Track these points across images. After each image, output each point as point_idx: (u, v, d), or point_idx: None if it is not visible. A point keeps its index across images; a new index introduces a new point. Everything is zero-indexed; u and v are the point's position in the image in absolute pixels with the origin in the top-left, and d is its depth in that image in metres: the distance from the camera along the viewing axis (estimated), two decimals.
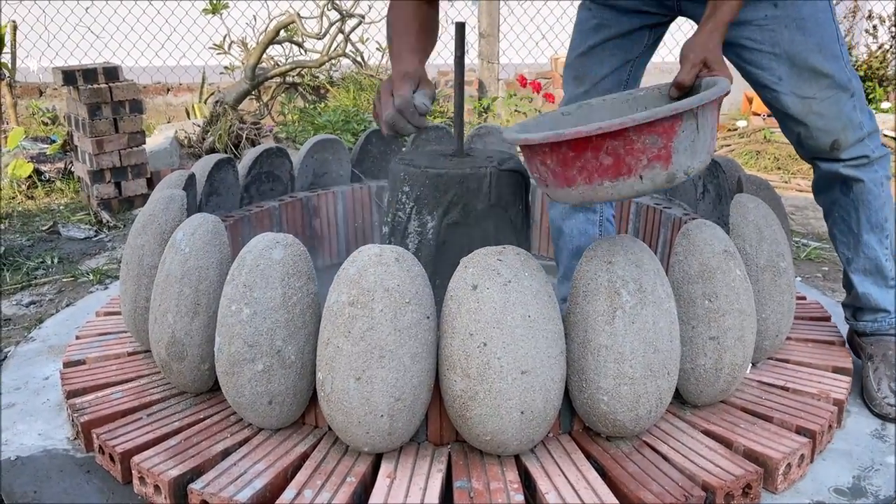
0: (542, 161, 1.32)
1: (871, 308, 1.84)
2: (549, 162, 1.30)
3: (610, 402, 1.41)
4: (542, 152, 1.30)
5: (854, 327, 1.90)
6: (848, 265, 1.86)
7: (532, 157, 1.35)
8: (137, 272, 1.76)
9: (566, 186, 1.30)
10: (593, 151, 1.24)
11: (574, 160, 1.26)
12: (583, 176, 1.27)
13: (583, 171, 1.27)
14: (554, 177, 1.31)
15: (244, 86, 4.41)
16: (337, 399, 1.37)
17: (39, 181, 3.80)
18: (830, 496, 1.45)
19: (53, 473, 1.54)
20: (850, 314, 1.91)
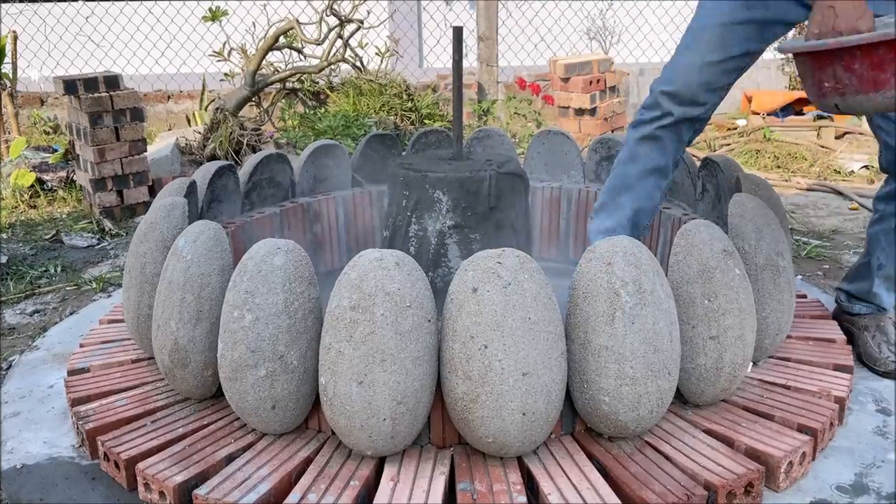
0: (848, 66, 1.29)
1: (871, 302, 2.00)
2: (856, 66, 1.29)
3: (611, 402, 1.42)
4: (850, 56, 1.29)
5: (847, 309, 2.04)
6: (878, 269, 1.96)
7: (830, 64, 1.32)
8: (140, 280, 1.77)
9: (871, 91, 1.30)
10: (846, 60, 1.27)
11: (891, 60, 1.25)
12: (832, 89, 1.31)
13: (837, 85, 1.30)
14: (860, 83, 1.30)
15: (244, 92, 4.42)
16: (339, 403, 1.38)
17: (42, 190, 3.82)
18: (833, 494, 1.46)
19: (59, 481, 1.55)
20: (846, 298, 2.04)
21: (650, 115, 1.83)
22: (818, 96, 1.40)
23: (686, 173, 2.37)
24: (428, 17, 6.20)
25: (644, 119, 1.85)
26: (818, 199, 3.54)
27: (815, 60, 1.36)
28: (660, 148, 1.85)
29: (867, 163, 4.03)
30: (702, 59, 1.74)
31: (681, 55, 1.78)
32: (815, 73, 1.36)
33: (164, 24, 5.69)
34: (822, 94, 1.38)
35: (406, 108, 4.66)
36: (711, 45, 1.73)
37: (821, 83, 1.36)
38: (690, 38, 1.78)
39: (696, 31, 1.76)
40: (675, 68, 1.79)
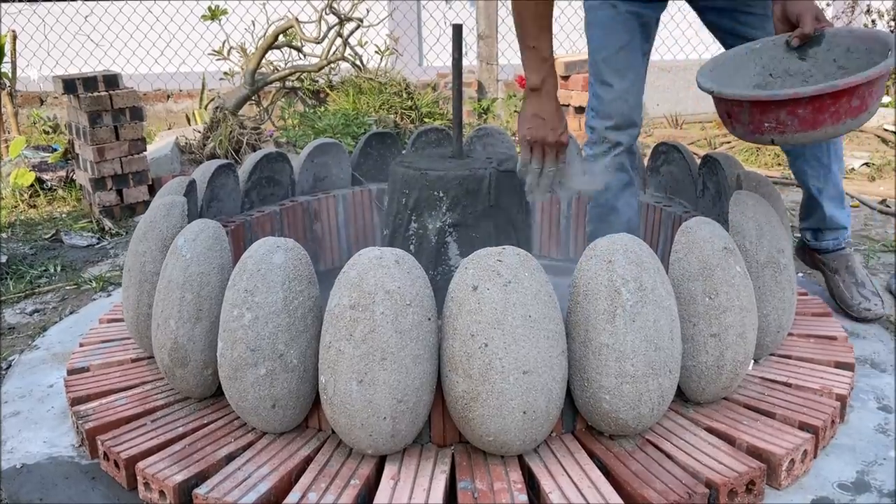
0: (791, 111, 1.52)
1: (833, 227, 2.16)
2: (800, 111, 1.51)
3: (612, 400, 1.42)
4: (795, 103, 1.51)
5: (816, 247, 2.22)
6: (819, 195, 2.12)
7: (775, 109, 1.53)
8: (139, 279, 1.76)
9: (810, 129, 1.53)
10: (848, 97, 1.50)
11: (830, 105, 1.50)
12: (832, 118, 1.51)
13: (835, 114, 1.51)
14: (801, 123, 1.52)
15: (244, 91, 4.42)
16: (340, 402, 1.37)
17: (41, 190, 3.82)
18: (834, 491, 1.46)
19: (59, 480, 1.54)
20: (812, 236, 2.23)
21: (603, 149, 2.03)
22: (754, 132, 1.60)
23: (687, 171, 2.37)
24: (428, 16, 6.20)
25: (599, 152, 2.03)
26: None
27: (758, 107, 1.56)
28: (623, 169, 2.06)
29: (868, 160, 4.03)
30: (618, 88, 1.96)
31: (603, 92, 1.99)
32: (754, 116, 1.57)
33: (164, 23, 5.69)
34: (759, 131, 1.59)
35: (406, 107, 4.66)
36: (618, 73, 1.96)
37: (761, 124, 1.57)
38: (597, 71, 1.99)
39: (600, 66, 1.98)
40: (606, 105, 1.99)
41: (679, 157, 2.40)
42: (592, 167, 1.97)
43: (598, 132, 2.03)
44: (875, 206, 3.31)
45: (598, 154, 2.05)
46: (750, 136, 1.64)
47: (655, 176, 2.53)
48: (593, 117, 2.04)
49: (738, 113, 1.61)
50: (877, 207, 3.29)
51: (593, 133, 2.04)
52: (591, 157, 2.08)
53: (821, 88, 1.49)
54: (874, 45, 1.66)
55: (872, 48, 1.66)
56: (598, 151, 2.05)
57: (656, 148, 2.51)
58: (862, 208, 3.33)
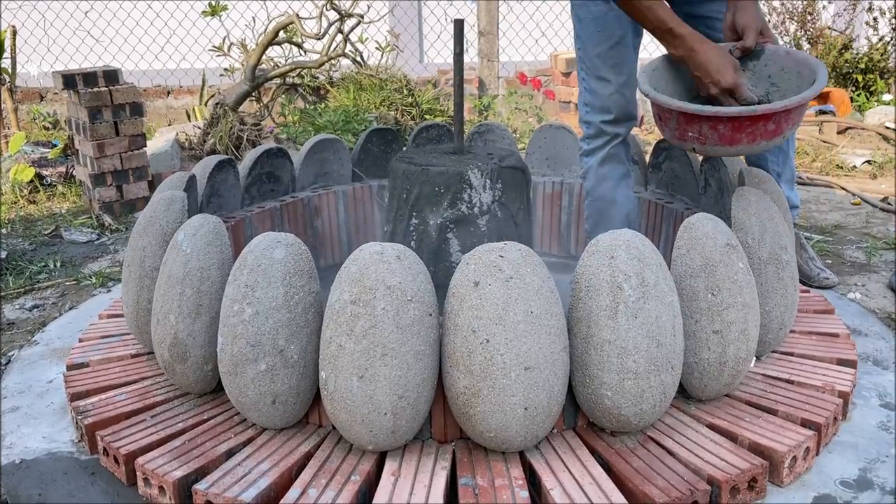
0: (713, 126, 1.64)
1: (790, 207, 2.14)
2: (720, 127, 1.64)
3: (614, 397, 1.41)
4: (717, 120, 1.63)
5: None
6: (779, 178, 2.19)
7: (698, 122, 1.65)
8: (139, 274, 1.76)
9: (727, 145, 1.66)
10: (765, 121, 1.61)
11: (747, 126, 1.62)
12: (748, 138, 1.64)
13: (751, 134, 1.63)
14: (720, 138, 1.65)
15: (244, 87, 4.41)
16: (340, 398, 1.37)
17: (41, 185, 3.81)
18: (837, 489, 1.45)
19: (58, 476, 1.54)
20: None
21: (601, 142, 2.07)
22: (679, 139, 1.74)
23: (689, 168, 2.36)
24: (428, 12, 6.18)
25: (596, 146, 2.08)
26: (820, 195, 3.53)
27: (685, 116, 1.68)
28: (619, 160, 2.10)
29: (869, 158, 4.02)
30: (615, 83, 2.00)
31: (599, 87, 2.02)
32: (681, 124, 1.70)
33: (164, 19, 5.67)
34: (683, 138, 1.72)
35: (406, 104, 4.65)
36: (615, 69, 2.00)
37: (685, 132, 1.70)
38: (593, 67, 2.01)
39: (595, 61, 2.01)
40: (602, 98, 2.02)
41: (681, 154, 2.39)
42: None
43: (594, 126, 2.06)
44: (877, 203, 3.30)
45: (595, 148, 2.08)
46: (676, 140, 1.77)
47: (657, 172, 2.52)
48: (588, 112, 2.07)
49: (668, 119, 1.74)
50: (878, 205, 3.28)
51: (589, 127, 2.07)
52: (589, 151, 2.11)
53: (740, 111, 1.61)
54: (804, 70, 1.77)
55: (802, 72, 1.77)
56: (596, 145, 2.08)
57: (658, 144, 2.50)
58: (863, 206, 3.33)
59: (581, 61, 2.06)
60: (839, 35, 5.56)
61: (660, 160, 2.50)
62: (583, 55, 2.04)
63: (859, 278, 2.50)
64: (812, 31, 5.57)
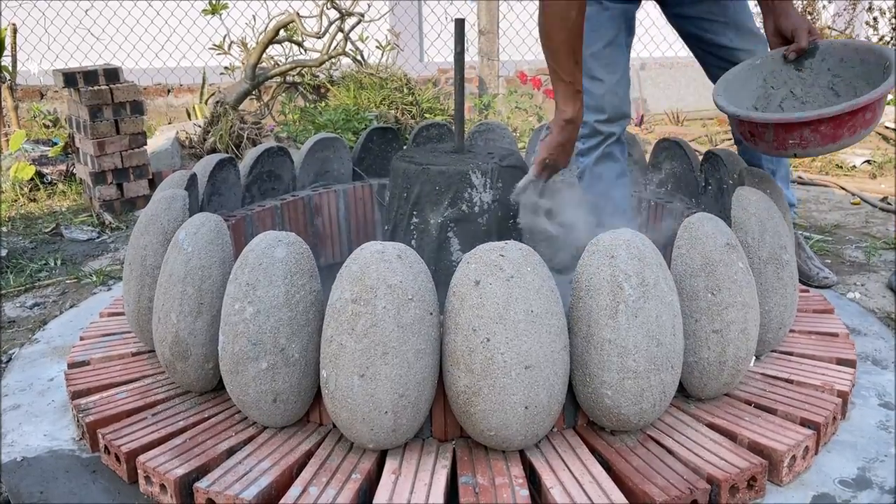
0: (814, 129, 1.66)
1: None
2: (822, 128, 1.66)
3: (614, 396, 1.41)
4: (818, 122, 1.65)
5: None
6: (774, 176, 2.19)
7: (799, 129, 1.67)
8: (140, 272, 1.76)
9: (830, 143, 1.68)
10: (863, 112, 1.65)
11: (849, 121, 1.65)
12: (850, 131, 1.67)
13: (852, 127, 1.66)
14: (822, 139, 1.67)
15: (244, 86, 4.41)
16: (341, 396, 1.37)
17: (41, 184, 3.81)
18: (836, 488, 1.45)
19: (59, 474, 1.54)
20: None
21: (595, 141, 2.10)
22: (778, 148, 1.74)
23: (688, 167, 2.37)
24: (429, 11, 6.18)
25: (591, 146, 2.11)
26: (820, 194, 3.54)
27: (784, 126, 1.69)
28: (614, 159, 2.13)
29: (869, 157, 4.02)
30: (609, 82, 2.03)
31: (593, 87, 2.03)
32: (779, 134, 1.71)
33: (164, 17, 5.67)
34: (784, 147, 1.72)
35: (407, 102, 4.65)
36: (608, 68, 2.03)
37: (785, 140, 1.71)
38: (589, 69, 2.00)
39: (588, 61, 1.98)
40: (596, 98, 2.04)
41: (681, 154, 2.40)
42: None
43: (589, 126, 2.08)
44: (876, 203, 3.31)
45: (590, 148, 2.11)
46: (774, 151, 1.77)
47: (657, 172, 2.52)
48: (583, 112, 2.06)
49: (763, 132, 1.74)
50: (878, 205, 3.29)
51: (584, 127, 2.08)
52: (583, 151, 2.13)
53: (842, 108, 1.63)
54: (868, 56, 1.80)
55: (866, 59, 1.80)
56: (591, 145, 2.11)
57: (658, 144, 2.50)
58: (863, 206, 3.33)
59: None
60: (839, 35, 5.56)
61: (660, 160, 2.50)
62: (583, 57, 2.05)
63: (859, 278, 2.51)
64: None
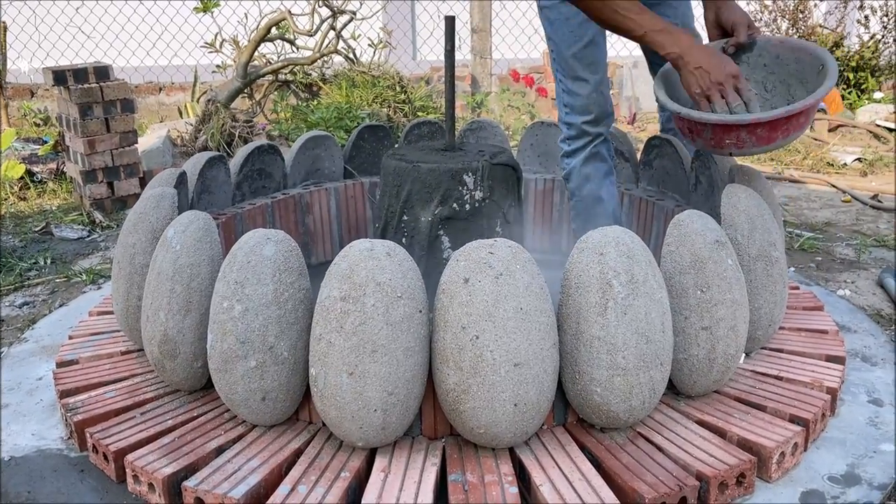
0: (751, 131, 1.69)
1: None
2: (758, 131, 1.69)
3: (603, 393, 1.41)
4: (755, 125, 1.67)
5: None
6: None
7: (737, 130, 1.69)
8: (129, 271, 1.75)
9: (765, 145, 1.72)
10: (797, 117, 1.69)
11: (783, 124, 1.69)
12: (783, 134, 1.70)
13: (786, 131, 1.70)
14: (758, 140, 1.71)
15: (236, 84, 4.39)
16: (330, 394, 1.37)
17: (31, 182, 3.79)
18: (825, 484, 1.46)
19: (47, 473, 1.53)
20: None
21: (583, 142, 2.09)
22: (715, 146, 1.77)
23: (679, 165, 2.37)
24: (421, 9, 6.17)
25: (579, 146, 2.10)
26: (811, 192, 3.55)
27: (722, 127, 1.71)
28: (601, 158, 2.12)
29: (860, 155, 4.04)
30: (593, 83, 2.03)
31: (577, 88, 2.03)
32: (717, 134, 1.73)
33: (156, 15, 5.65)
34: (720, 146, 1.76)
35: (399, 101, 4.64)
36: (591, 67, 2.03)
37: (722, 140, 1.73)
38: (569, 68, 2.03)
39: (570, 62, 2.02)
40: (582, 100, 2.04)
41: (672, 151, 2.40)
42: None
43: (576, 128, 2.08)
44: (867, 201, 3.32)
45: (577, 149, 2.10)
46: (710, 149, 1.81)
47: (648, 170, 2.53)
48: (568, 114, 2.08)
49: (701, 130, 1.77)
50: (868, 202, 3.30)
51: (571, 129, 2.09)
52: (570, 152, 2.13)
53: (778, 113, 1.66)
54: (803, 56, 1.85)
55: (801, 58, 1.85)
56: (578, 146, 2.10)
57: (649, 142, 2.51)
58: (854, 203, 3.34)
59: (556, 63, 2.07)
60: (830, 33, 5.58)
61: (651, 157, 2.50)
62: (557, 57, 2.05)
63: (849, 275, 2.52)
64: (803, 28, 5.59)
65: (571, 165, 2.14)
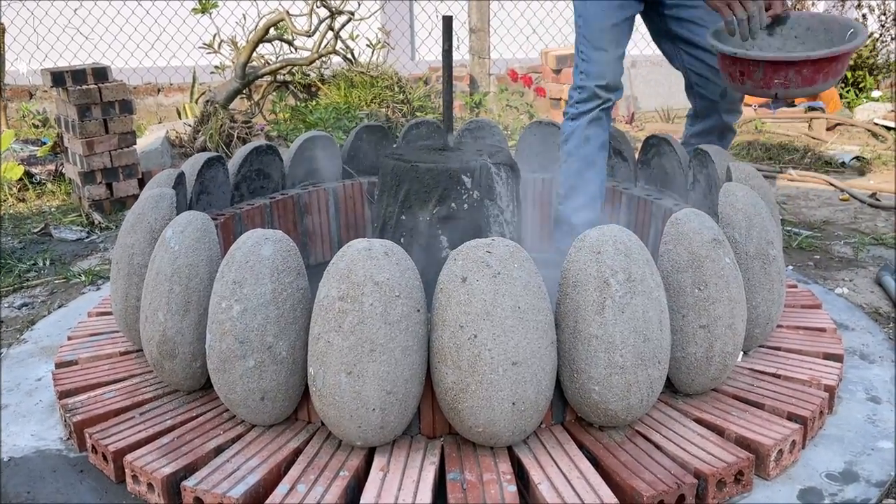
0: (798, 70, 1.89)
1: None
2: (804, 70, 1.88)
3: (601, 391, 1.42)
4: (802, 64, 1.88)
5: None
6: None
7: (786, 69, 1.89)
8: (128, 271, 1.75)
9: (807, 86, 1.92)
10: (836, 61, 1.89)
11: (825, 66, 1.89)
12: (823, 77, 1.91)
13: (826, 74, 1.90)
14: (802, 80, 1.90)
15: (235, 85, 4.40)
16: (329, 394, 1.37)
17: (30, 183, 3.79)
18: (823, 482, 1.46)
19: (47, 474, 1.54)
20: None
21: (591, 105, 2.22)
22: (764, 87, 1.94)
23: (677, 164, 2.37)
24: (419, 10, 6.18)
25: (586, 109, 2.23)
26: (809, 190, 3.55)
27: (772, 66, 1.90)
28: (602, 126, 2.27)
29: (858, 154, 4.04)
30: (612, 54, 2.18)
31: (597, 54, 2.18)
32: (767, 73, 1.91)
33: (154, 16, 5.65)
34: (769, 86, 1.93)
35: (398, 101, 4.65)
36: (614, 42, 2.19)
37: (771, 80, 1.91)
38: (593, 39, 2.17)
39: (597, 33, 2.17)
40: (600, 66, 2.18)
41: (669, 150, 2.40)
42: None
43: (588, 90, 2.21)
44: (865, 199, 3.32)
45: (584, 111, 2.23)
46: (758, 90, 1.97)
47: (646, 169, 2.53)
48: (584, 78, 2.21)
49: (753, 71, 1.92)
50: (867, 201, 3.30)
51: (583, 91, 2.22)
52: (576, 115, 2.25)
53: (824, 53, 1.87)
54: (833, 26, 2.06)
55: (831, 28, 2.06)
56: (586, 108, 2.23)
57: (647, 141, 2.51)
58: (852, 202, 3.35)
59: (582, 36, 2.19)
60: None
61: (649, 156, 2.51)
62: (584, 29, 2.18)
63: (847, 273, 2.52)
64: None
65: (575, 125, 2.25)
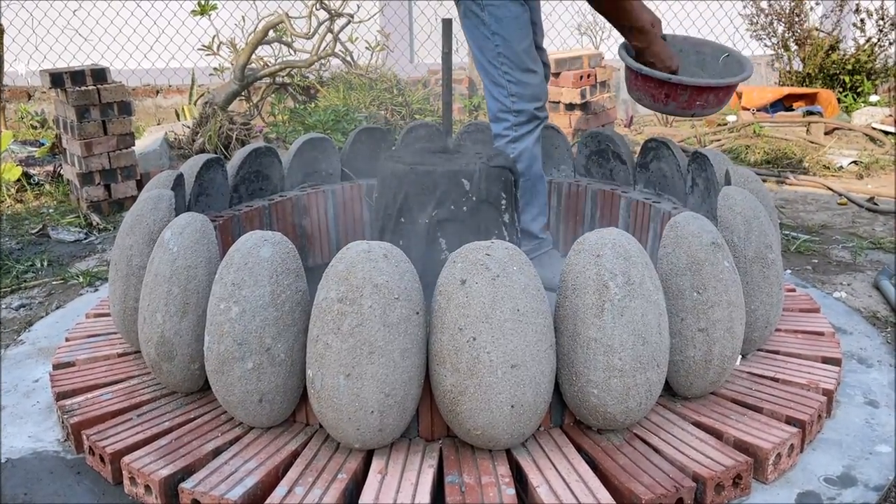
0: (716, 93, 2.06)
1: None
2: (720, 94, 2.07)
3: (600, 394, 1.42)
4: (722, 88, 2.06)
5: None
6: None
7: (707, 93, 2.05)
8: (126, 272, 1.75)
9: (717, 107, 2.11)
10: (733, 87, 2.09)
11: (730, 91, 2.10)
12: (726, 100, 2.11)
13: (704, 104, 2.07)
14: (716, 102, 2.08)
15: (234, 87, 4.40)
16: (327, 396, 1.37)
17: (29, 184, 3.79)
18: (821, 486, 1.46)
19: (44, 475, 1.53)
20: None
21: (533, 125, 2.27)
22: (686, 108, 2.09)
23: (676, 167, 2.37)
24: (419, 12, 6.18)
25: (528, 130, 2.28)
26: (808, 195, 3.55)
27: (698, 90, 2.05)
28: (540, 140, 2.35)
29: (856, 158, 4.05)
30: (540, 73, 2.25)
31: (528, 78, 2.22)
32: (692, 96, 2.06)
33: (153, 17, 5.65)
34: (690, 107, 2.08)
35: (396, 103, 4.65)
36: (535, 61, 2.23)
37: (694, 102, 2.07)
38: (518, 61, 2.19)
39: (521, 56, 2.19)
40: (532, 88, 2.22)
41: (668, 154, 2.40)
42: None
43: (527, 113, 2.25)
44: (863, 203, 3.33)
45: (527, 133, 2.27)
46: (680, 111, 2.10)
47: (644, 172, 2.53)
48: (517, 102, 2.24)
49: (679, 94, 2.06)
50: (864, 205, 3.31)
51: (521, 115, 2.24)
52: (519, 137, 2.27)
53: (738, 79, 2.07)
54: (703, 49, 2.25)
55: (701, 51, 2.25)
56: (527, 130, 2.26)
57: (645, 144, 2.51)
58: (850, 206, 3.35)
59: (503, 57, 2.19)
60: (826, 36, 5.60)
61: (647, 160, 2.51)
62: (505, 52, 2.18)
63: (845, 277, 2.52)
64: (800, 32, 5.60)
65: (523, 147, 2.28)
